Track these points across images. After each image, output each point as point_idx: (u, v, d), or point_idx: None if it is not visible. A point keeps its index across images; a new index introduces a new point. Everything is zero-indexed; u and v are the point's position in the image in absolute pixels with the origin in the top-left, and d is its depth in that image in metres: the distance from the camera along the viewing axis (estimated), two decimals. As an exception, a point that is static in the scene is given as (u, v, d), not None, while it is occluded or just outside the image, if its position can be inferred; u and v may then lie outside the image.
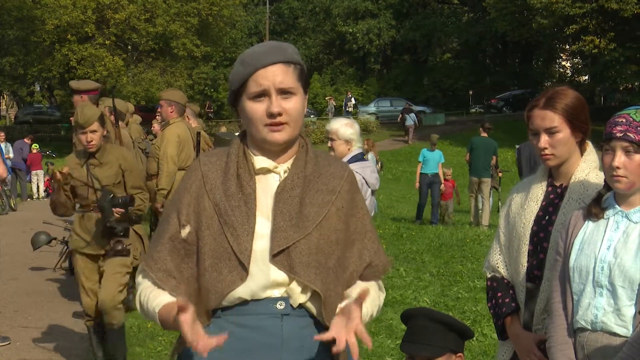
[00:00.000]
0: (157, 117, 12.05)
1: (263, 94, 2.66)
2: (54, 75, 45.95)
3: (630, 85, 47.20)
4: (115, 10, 44.61)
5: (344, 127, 6.60)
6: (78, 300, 9.74)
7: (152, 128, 13.84)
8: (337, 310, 2.65)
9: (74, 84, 9.15)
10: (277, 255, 2.62)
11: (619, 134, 3.08)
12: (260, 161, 2.74)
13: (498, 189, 20.38)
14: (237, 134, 3.23)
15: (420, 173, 19.84)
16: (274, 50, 2.70)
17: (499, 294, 3.65)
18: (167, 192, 9.18)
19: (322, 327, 2.65)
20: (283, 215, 2.66)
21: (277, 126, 2.66)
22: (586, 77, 56.42)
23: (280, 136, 2.67)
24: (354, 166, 6.13)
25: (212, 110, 56.96)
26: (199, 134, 9.97)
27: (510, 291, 3.64)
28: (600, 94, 58.00)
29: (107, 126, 6.96)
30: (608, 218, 3.20)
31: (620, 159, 3.08)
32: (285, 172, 2.74)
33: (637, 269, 3.04)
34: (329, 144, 6.67)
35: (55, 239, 11.24)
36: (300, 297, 2.66)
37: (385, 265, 2.88)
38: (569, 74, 60.56)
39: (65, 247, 10.99)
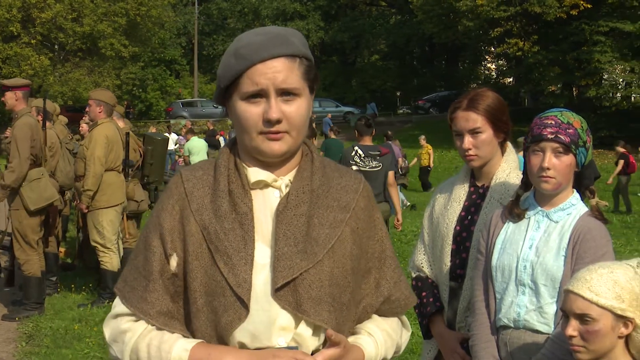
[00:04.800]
0: (85, 117, 11.92)
1: (259, 95, 2.13)
2: (-22, 74, 45.12)
3: (553, 88, 48.02)
4: (42, 9, 43.91)
5: None
6: (4, 303, 9.62)
7: (80, 128, 13.67)
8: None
9: (6, 81, 9.10)
10: (281, 290, 2.11)
11: (550, 135, 3.10)
12: (255, 173, 2.21)
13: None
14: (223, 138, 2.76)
15: None
16: (275, 40, 2.15)
17: (424, 294, 3.68)
18: (92, 194, 9.21)
19: None
20: (287, 239, 2.14)
21: (274, 134, 2.14)
22: (511, 79, 57.24)
23: (278, 147, 2.15)
24: None
25: (132, 109, 56.33)
26: (128, 134, 9.94)
27: (435, 290, 3.67)
28: (524, 96, 58.88)
29: None
30: (529, 218, 3.24)
31: (551, 160, 3.11)
32: (287, 186, 2.22)
33: (558, 267, 3.09)
34: None
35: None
36: (312, 342, 2.16)
37: (407, 299, 2.42)
38: (494, 76, 61.34)
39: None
